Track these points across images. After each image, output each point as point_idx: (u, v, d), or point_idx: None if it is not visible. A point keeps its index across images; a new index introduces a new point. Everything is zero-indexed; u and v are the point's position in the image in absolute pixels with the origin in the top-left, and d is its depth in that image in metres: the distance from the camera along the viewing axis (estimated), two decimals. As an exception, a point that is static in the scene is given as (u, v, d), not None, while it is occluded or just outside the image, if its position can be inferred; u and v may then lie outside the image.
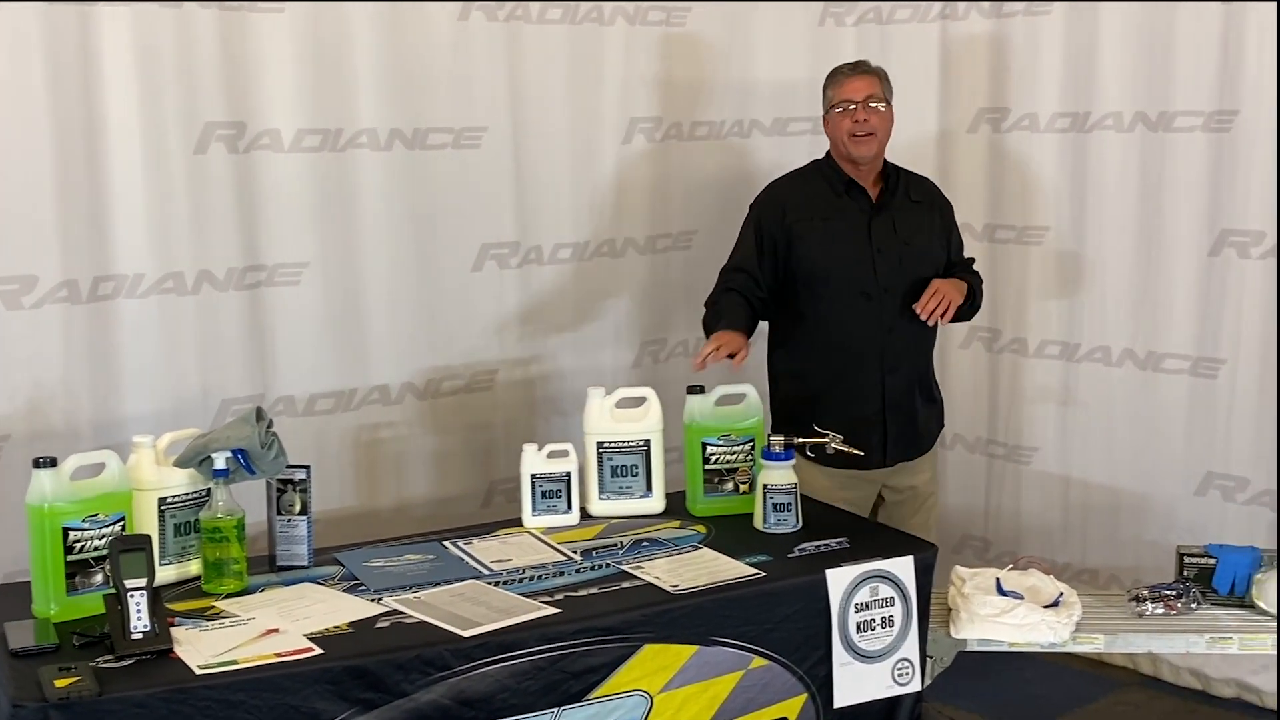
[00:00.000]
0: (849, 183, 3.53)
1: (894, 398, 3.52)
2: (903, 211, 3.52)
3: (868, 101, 3.46)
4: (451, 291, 3.83)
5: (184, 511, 2.80)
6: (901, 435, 3.55)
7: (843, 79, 3.52)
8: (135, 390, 3.29)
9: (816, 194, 3.56)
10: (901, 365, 3.52)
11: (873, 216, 3.51)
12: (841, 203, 3.52)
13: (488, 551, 2.99)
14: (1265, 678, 3.85)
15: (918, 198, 3.59)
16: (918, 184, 3.64)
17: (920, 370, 3.59)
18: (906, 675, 2.92)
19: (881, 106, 3.47)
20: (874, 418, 3.50)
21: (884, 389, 3.50)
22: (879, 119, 3.47)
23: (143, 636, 2.39)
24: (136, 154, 3.23)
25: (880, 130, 3.48)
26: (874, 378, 3.50)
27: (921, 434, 3.63)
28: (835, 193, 3.54)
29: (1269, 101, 3.74)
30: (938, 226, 3.60)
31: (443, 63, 3.72)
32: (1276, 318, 3.67)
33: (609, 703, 2.61)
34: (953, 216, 3.68)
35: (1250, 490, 3.90)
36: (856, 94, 3.47)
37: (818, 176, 3.60)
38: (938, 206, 3.64)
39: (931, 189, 3.69)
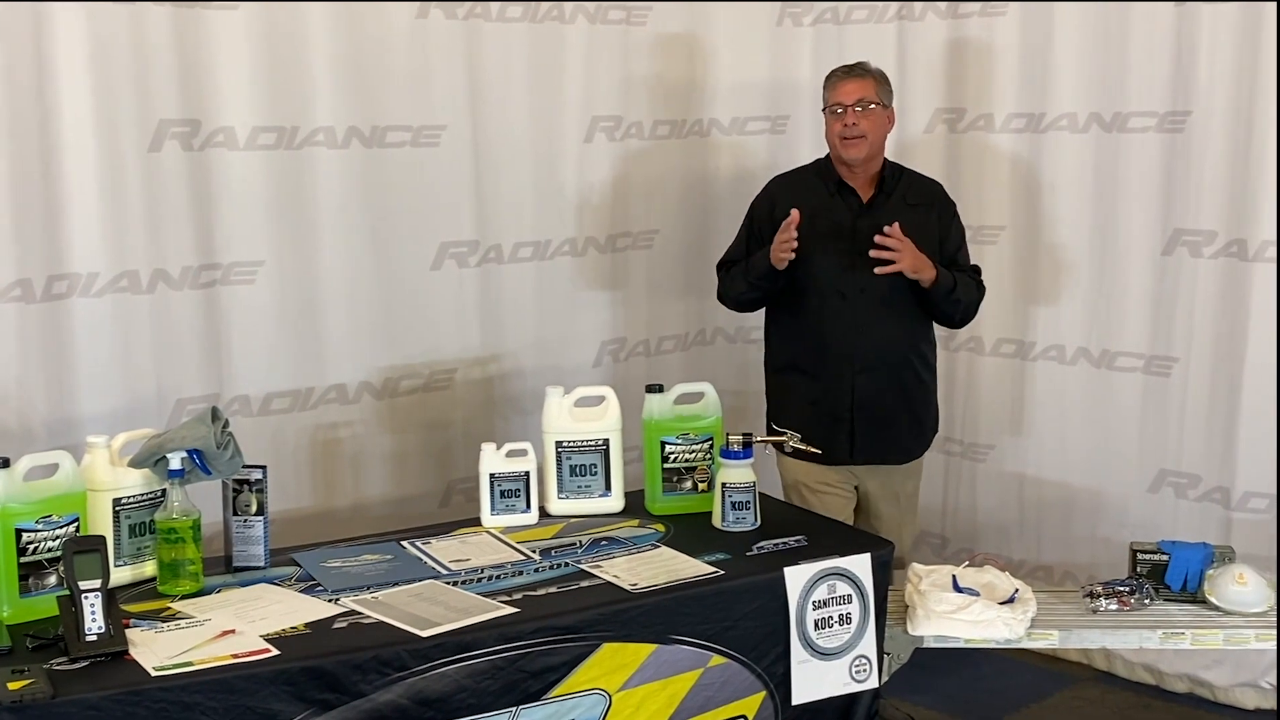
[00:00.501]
0: (840, 183, 3.55)
1: (865, 398, 3.52)
2: (895, 213, 3.49)
3: (858, 104, 3.46)
4: (410, 290, 3.81)
5: (139, 512, 2.78)
6: (872, 436, 3.55)
7: (836, 82, 3.53)
8: (89, 390, 3.26)
9: (809, 191, 3.58)
10: (876, 367, 3.52)
11: (859, 217, 3.52)
12: (831, 202, 3.55)
13: (446, 551, 2.99)
14: (1217, 672, 3.89)
15: (915, 200, 3.58)
16: (919, 186, 3.64)
17: (903, 374, 3.57)
18: (864, 672, 2.94)
19: (875, 108, 3.48)
20: (843, 416, 3.52)
21: (854, 388, 3.51)
22: (870, 122, 3.47)
23: (97, 638, 2.37)
24: (90, 152, 3.20)
25: (871, 133, 3.48)
26: (846, 375, 3.51)
27: (899, 440, 3.61)
28: (828, 192, 3.56)
29: (1221, 102, 3.78)
30: (933, 231, 3.56)
31: (401, 60, 3.70)
32: (1277, 319, 3.69)
33: (567, 702, 2.62)
34: (954, 220, 3.65)
35: (1202, 487, 3.94)
36: (847, 97, 3.48)
37: (814, 175, 3.63)
38: (937, 209, 3.61)
39: (934, 191, 3.66)
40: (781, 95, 4.40)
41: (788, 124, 4.41)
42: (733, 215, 3.90)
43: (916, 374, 3.62)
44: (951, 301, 3.54)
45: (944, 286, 3.48)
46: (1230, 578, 3.12)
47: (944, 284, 3.48)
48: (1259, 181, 3.71)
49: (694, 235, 4.36)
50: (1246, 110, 3.73)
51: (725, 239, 3.93)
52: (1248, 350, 3.78)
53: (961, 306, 3.58)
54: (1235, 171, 3.77)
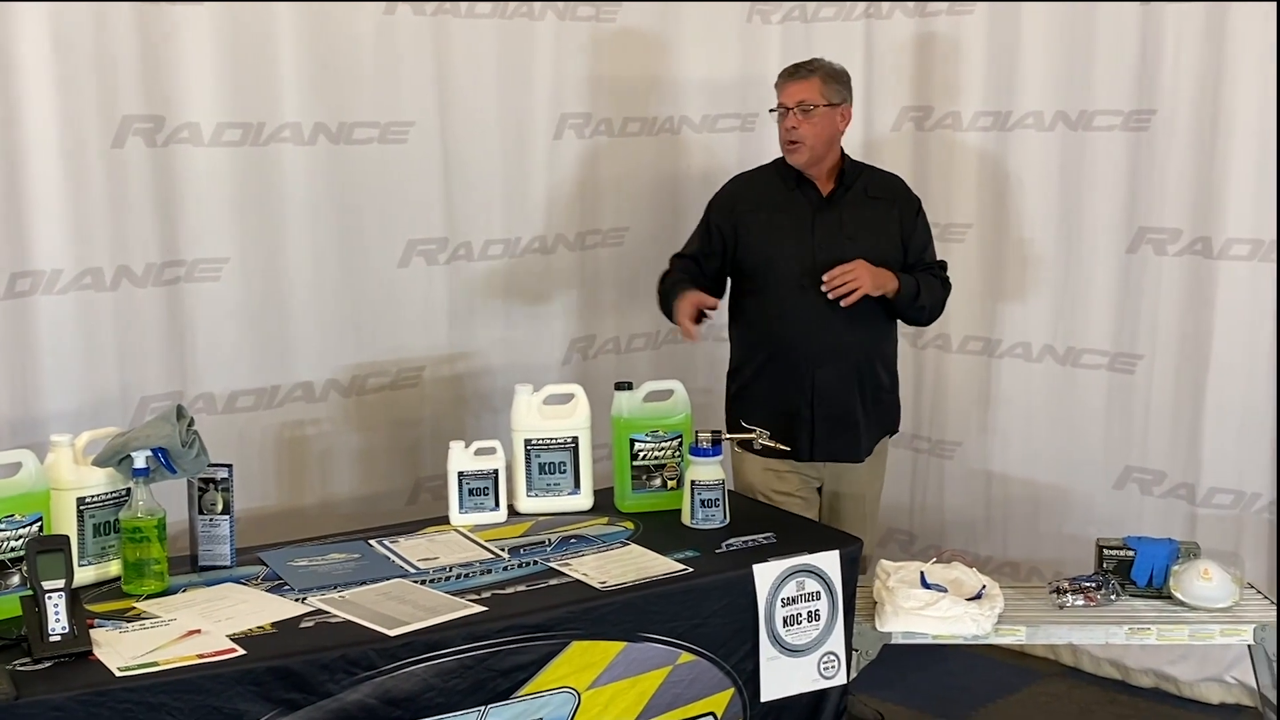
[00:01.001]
0: (799, 176, 3.53)
1: (825, 393, 3.50)
2: (855, 207, 3.50)
3: (799, 107, 3.44)
4: (377, 288, 3.79)
5: (103, 511, 2.76)
6: (832, 433, 3.52)
7: (781, 82, 3.52)
8: (53, 388, 3.22)
9: (769, 187, 3.57)
10: (836, 361, 3.50)
11: (819, 211, 3.51)
12: (791, 196, 3.53)
13: (414, 550, 2.98)
14: (1182, 667, 3.92)
15: (876, 194, 3.56)
16: (881, 181, 3.62)
17: (863, 369, 3.54)
18: (832, 669, 2.94)
19: (816, 111, 3.44)
20: (803, 412, 3.49)
21: (814, 383, 3.50)
22: (810, 125, 3.44)
23: (61, 639, 2.35)
24: (53, 148, 3.16)
25: (810, 136, 3.45)
26: (804, 371, 3.49)
27: (860, 438, 3.58)
28: (787, 187, 3.55)
29: (1185, 101, 3.80)
30: (893, 225, 3.55)
31: (369, 56, 3.68)
32: (1276, 320, 3.70)
33: (536, 700, 2.62)
34: (918, 216, 3.62)
35: (1167, 484, 3.96)
36: (788, 99, 3.47)
37: (774, 171, 3.61)
38: (898, 204, 3.59)
39: (896, 186, 3.64)
40: (751, 93, 4.39)
41: (757, 121, 4.41)
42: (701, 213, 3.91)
43: (876, 372, 3.59)
44: (916, 308, 3.54)
45: (907, 294, 3.47)
46: (1196, 573, 3.15)
47: (907, 292, 3.47)
48: (1223, 179, 3.74)
49: (665, 233, 4.34)
50: (1211, 109, 3.75)
51: (696, 237, 3.96)
52: (1212, 347, 3.81)
53: (927, 311, 3.58)
54: (1200, 170, 3.80)
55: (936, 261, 3.67)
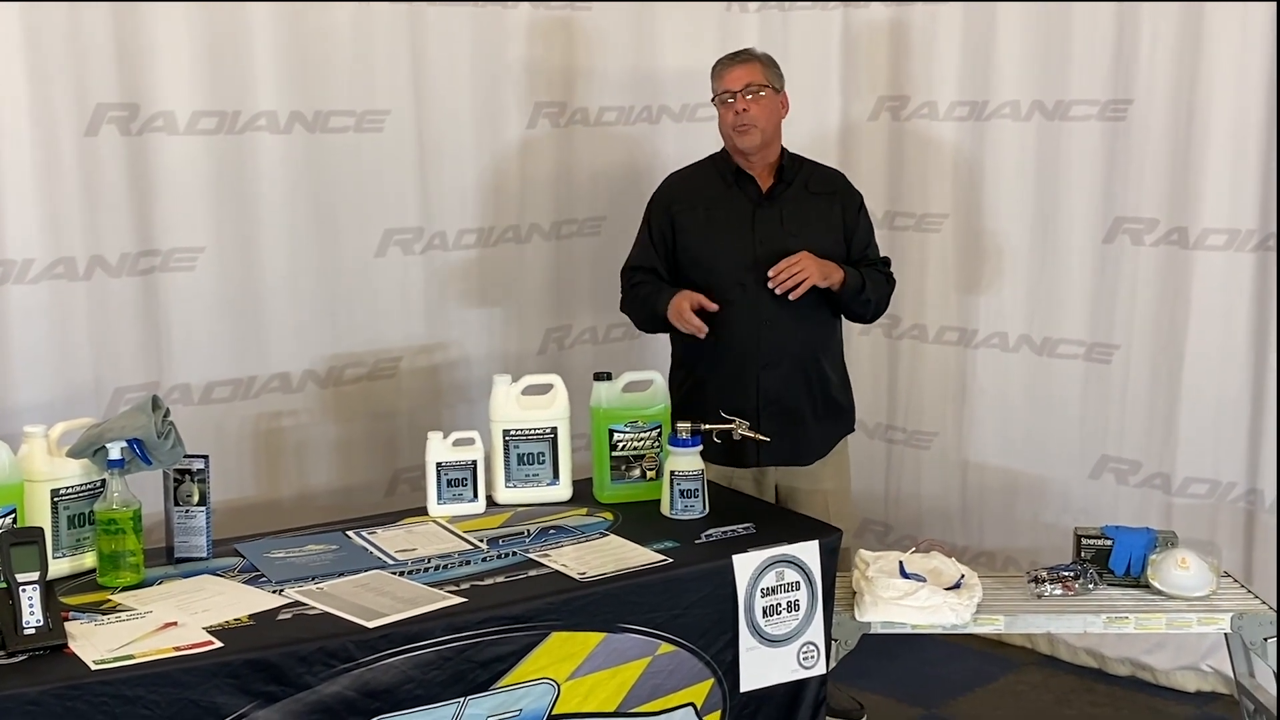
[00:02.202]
0: (738, 172, 3.50)
1: (771, 394, 3.46)
2: (795, 203, 3.47)
3: (746, 91, 3.41)
4: (354, 277, 3.77)
5: (78, 503, 2.73)
6: (780, 435, 3.43)
7: (722, 69, 3.48)
8: (25, 379, 3.20)
9: (706, 184, 3.54)
10: (781, 361, 3.45)
11: (758, 207, 3.48)
12: (730, 193, 3.49)
13: (392, 541, 2.96)
14: (1159, 656, 3.95)
15: (817, 189, 3.53)
16: (821, 176, 3.58)
17: (809, 368, 3.50)
18: (812, 659, 2.94)
19: (764, 94, 3.42)
20: (749, 414, 3.36)
21: (759, 384, 3.46)
22: (759, 108, 3.41)
23: (35, 632, 2.32)
24: (25, 136, 3.14)
25: (762, 119, 3.42)
26: (750, 372, 3.45)
27: (810, 440, 3.54)
28: (725, 183, 3.51)
29: (1162, 91, 3.82)
30: (835, 220, 3.52)
31: (345, 44, 3.66)
32: (1277, 315, 3.72)
33: (515, 691, 2.60)
34: (860, 212, 3.57)
35: (1142, 473, 3.98)
36: (735, 83, 3.43)
37: (710, 168, 3.58)
38: (840, 199, 3.55)
39: (836, 181, 3.61)
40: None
41: (736, 110, 4.41)
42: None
43: (822, 370, 3.53)
44: (861, 301, 3.48)
45: (852, 287, 3.42)
46: (1173, 562, 3.16)
47: (852, 284, 3.42)
48: (1199, 169, 3.76)
49: (641, 222, 4.35)
50: (1187, 99, 3.77)
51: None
52: (1188, 338, 3.83)
53: (872, 305, 3.52)
54: (1176, 160, 3.81)
55: (881, 258, 3.62)
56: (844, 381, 3.64)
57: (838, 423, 3.62)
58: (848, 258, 3.50)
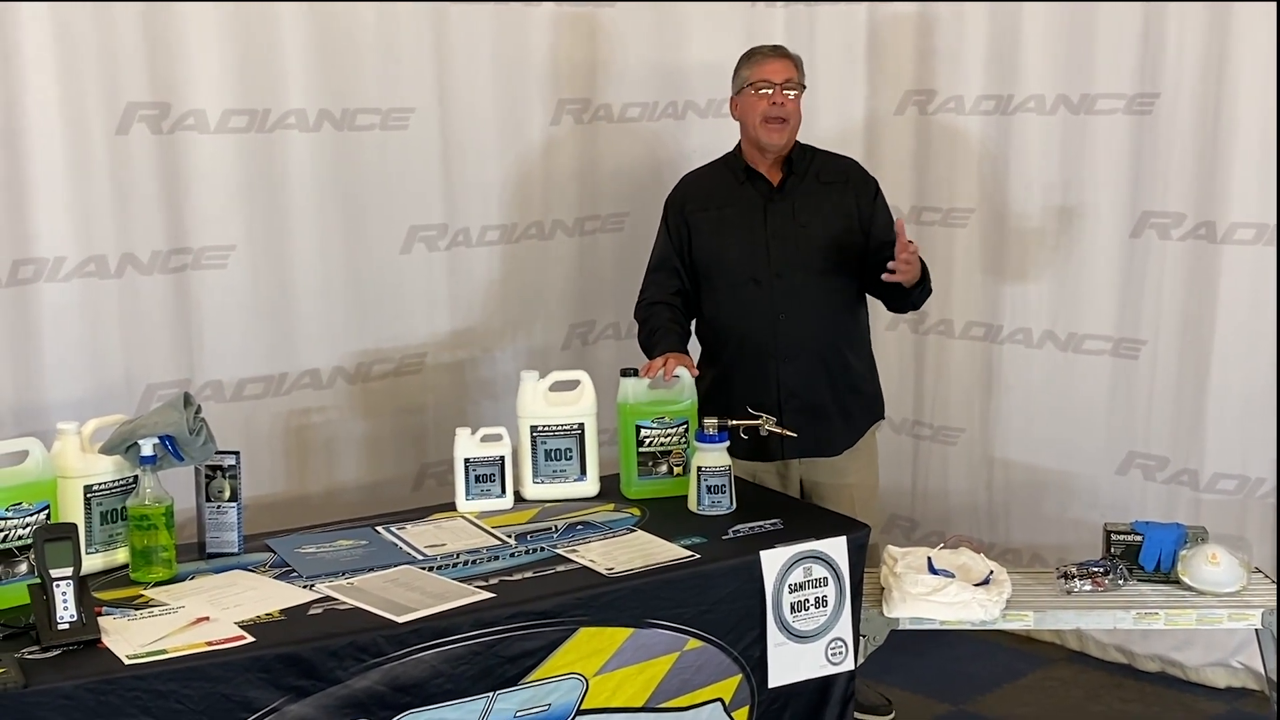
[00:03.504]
0: (748, 170, 3.49)
1: (791, 387, 3.44)
2: (807, 195, 3.46)
3: (786, 85, 3.41)
4: (380, 274, 3.79)
5: (111, 499, 2.75)
6: (802, 427, 3.41)
7: (762, 59, 3.46)
8: (58, 376, 3.22)
9: (718, 183, 3.54)
10: (799, 354, 3.44)
11: (769, 202, 3.47)
12: (741, 190, 3.49)
13: (421, 536, 2.97)
14: (1189, 653, 3.93)
15: (829, 179, 3.51)
16: (833, 165, 3.56)
17: (831, 360, 3.49)
18: (840, 654, 2.94)
19: (796, 93, 3.42)
20: (771, 408, 3.37)
21: (779, 378, 3.45)
22: (794, 105, 3.42)
23: (69, 627, 2.34)
24: (57, 135, 3.16)
25: (793, 117, 3.42)
26: (768, 366, 3.44)
27: (835, 430, 3.52)
28: (737, 181, 3.50)
29: (1189, 84, 3.79)
30: (849, 208, 3.49)
31: (370, 43, 3.67)
32: (1276, 310, 3.70)
33: (544, 686, 2.61)
34: (877, 198, 3.55)
35: (1170, 469, 3.96)
36: (776, 75, 3.41)
37: (722, 168, 3.57)
38: (853, 186, 3.52)
39: (848, 168, 3.58)
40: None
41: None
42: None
43: (844, 360, 3.51)
44: (924, 292, 3.46)
45: (923, 280, 3.41)
46: (1204, 558, 3.15)
47: (924, 277, 3.41)
48: (1227, 163, 3.73)
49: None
50: (1214, 92, 3.75)
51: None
52: (1216, 332, 3.80)
53: (928, 294, 3.51)
54: (1203, 153, 3.79)
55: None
56: (870, 370, 3.62)
57: (864, 412, 3.60)
58: (866, 245, 3.48)
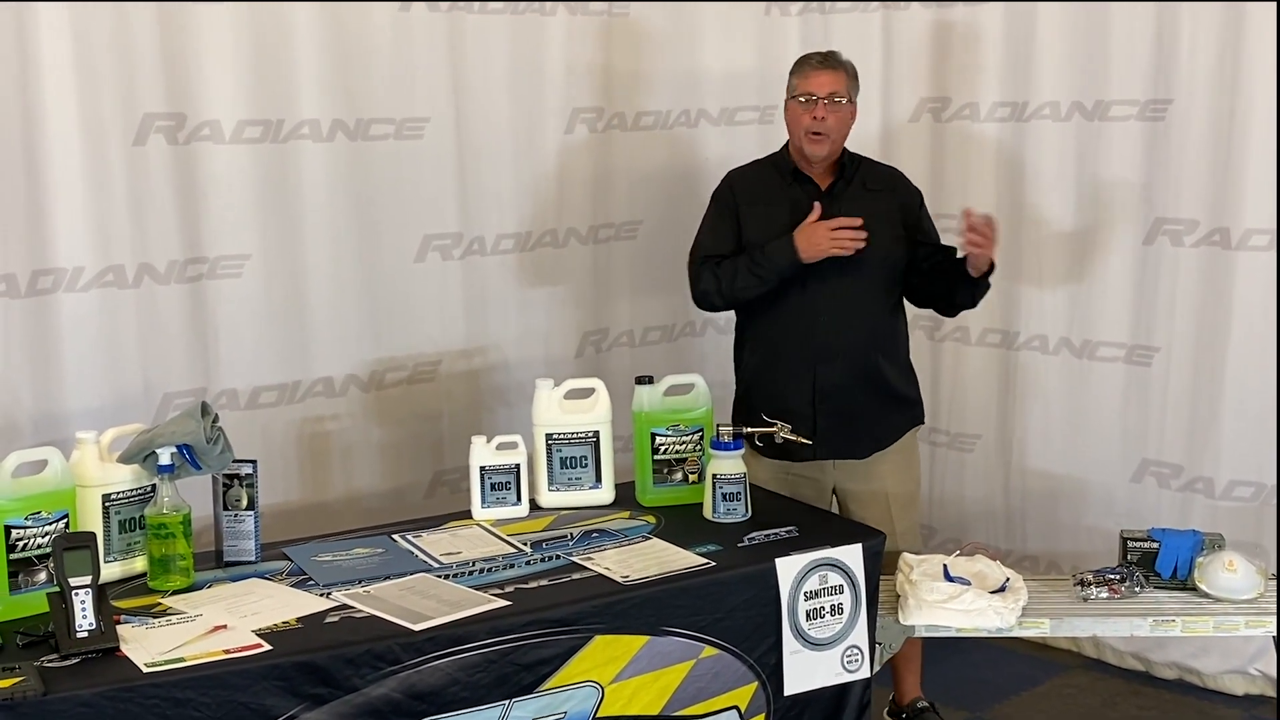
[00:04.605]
0: (796, 172, 3.49)
1: (827, 389, 3.43)
2: (854, 200, 3.44)
3: (831, 98, 3.38)
4: (394, 283, 3.80)
5: (129, 508, 2.76)
6: (836, 430, 3.43)
7: (809, 70, 3.43)
8: (76, 385, 3.24)
9: (766, 182, 3.52)
10: (837, 357, 3.43)
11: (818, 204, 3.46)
12: (789, 191, 3.47)
13: (437, 544, 2.98)
14: (1206, 660, 3.92)
15: (875, 186, 3.51)
16: (878, 173, 3.56)
17: (869, 363, 3.46)
18: (856, 662, 2.94)
19: (843, 104, 3.40)
20: (805, 409, 3.40)
21: (815, 379, 3.43)
22: (837, 118, 3.39)
23: (88, 635, 2.35)
24: (75, 146, 3.18)
25: (835, 131, 3.40)
26: (806, 367, 3.43)
27: (868, 432, 3.49)
28: (785, 181, 3.49)
29: (1202, 90, 3.79)
30: (894, 215, 3.48)
31: (385, 53, 3.69)
32: (1277, 313, 3.69)
33: (560, 694, 2.62)
34: (922, 208, 3.56)
35: (1184, 477, 3.95)
36: (820, 89, 3.39)
37: (770, 166, 3.56)
38: (898, 195, 3.53)
39: (893, 177, 3.58)
40: (770, 85, 4.37)
41: (775, 114, 4.36)
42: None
43: (881, 365, 3.49)
44: (986, 285, 3.46)
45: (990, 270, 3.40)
46: (1220, 565, 3.13)
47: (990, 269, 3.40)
48: (1240, 170, 3.73)
49: (681, 226, 4.31)
50: (1228, 98, 3.74)
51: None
52: (1230, 339, 3.79)
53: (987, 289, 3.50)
54: (1217, 160, 3.78)
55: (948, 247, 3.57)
56: (907, 376, 3.59)
57: (900, 416, 3.57)
58: (909, 254, 3.48)
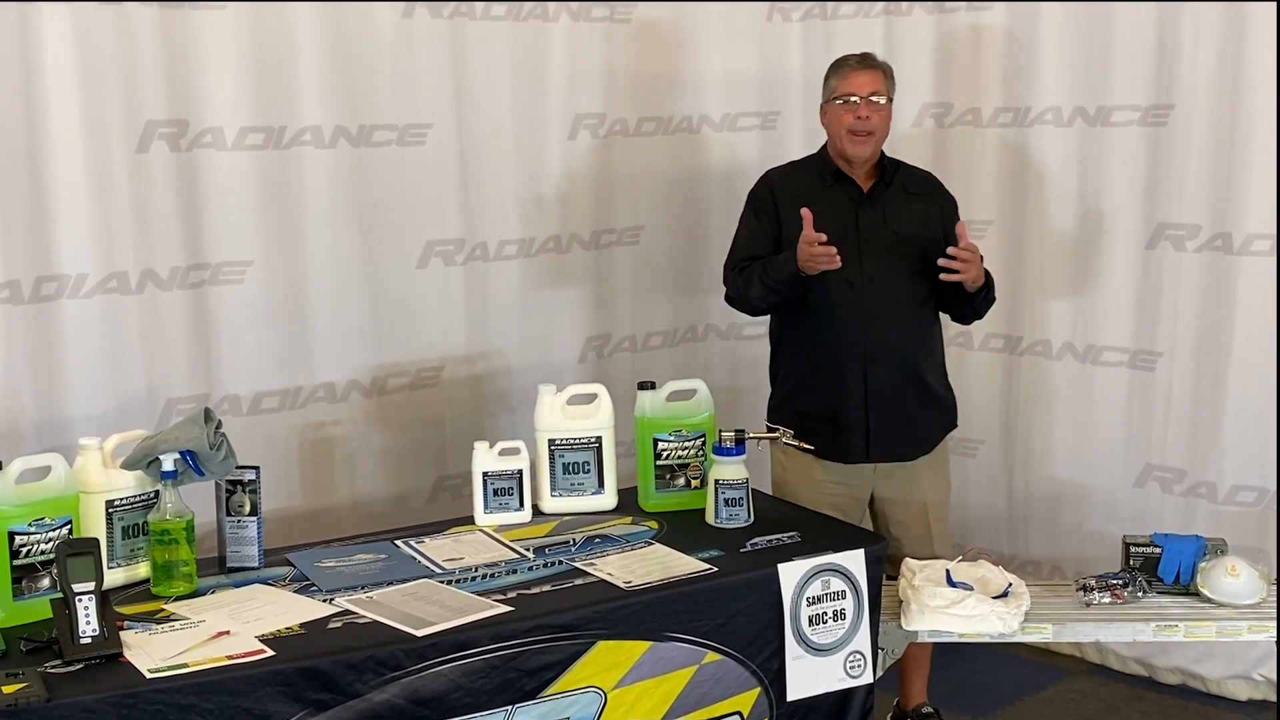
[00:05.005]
0: (837, 173, 3.46)
1: (878, 390, 3.41)
2: (896, 202, 3.44)
3: (871, 97, 3.37)
4: (396, 289, 3.80)
5: (132, 514, 2.76)
6: (888, 431, 3.43)
7: (848, 71, 3.42)
8: (79, 391, 3.25)
9: (807, 182, 3.49)
10: (888, 357, 3.41)
11: (860, 206, 3.44)
12: (831, 192, 3.45)
13: (440, 550, 2.98)
14: (1209, 665, 3.91)
15: (915, 190, 3.50)
16: (916, 177, 3.55)
17: (914, 365, 3.45)
18: (858, 667, 2.94)
19: (883, 102, 3.39)
20: (856, 410, 3.40)
21: (866, 380, 3.41)
22: (880, 117, 3.38)
23: (91, 641, 2.36)
24: (78, 153, 3.19)
25: (879, 129, 3.39)
26: (856, 368, 3.41)
27: (916, 434, 3.49)
28: (825, 183, 3.47)
29: (1204, 95, 3.79)
30: (934, 220, 3.46)
31: (387, 59, 3.69)
32: (1277, 317, 3.70)
33: (563, 700, 2.62)
34: (955, 211, 3.55)
35: (1187, 481, 3.95)
36: (861, 89, 3.37)
37: (810, 167, 3.54)
38: (937, 200, 3.52)
39: (932, 183, 3.57)
40: (771, 91, 4.40)
41: (778, 120, 4.42)
42: (724, 211, 3.88)
43: (923, 367, 3.50)
44: (988, 301, 3.46)
45: (986, 286, 3.41)
46: (1223, 570, 3.13)
47: (988, 284, 3.40)
48: (1243, 175, 3.73)
49: (683, 231, 4.36)
50: (1229, 103, 3.75)
51: (716, 235, 3.92)
52: (1233, 344, 3.80)
53: (992, 303, 3.51)
54: (1219, 165, 3.79)
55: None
56: (944, 379, 3.59)
57: (940, 420, 3.58)
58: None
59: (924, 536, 3.51)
